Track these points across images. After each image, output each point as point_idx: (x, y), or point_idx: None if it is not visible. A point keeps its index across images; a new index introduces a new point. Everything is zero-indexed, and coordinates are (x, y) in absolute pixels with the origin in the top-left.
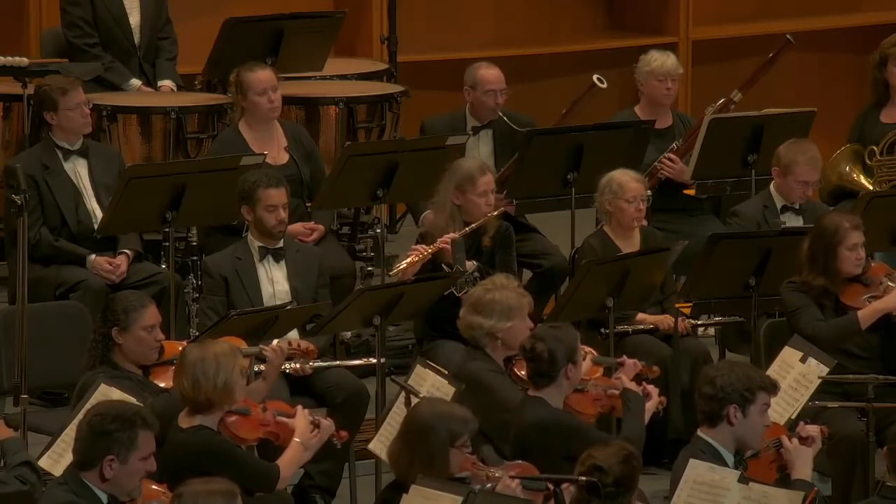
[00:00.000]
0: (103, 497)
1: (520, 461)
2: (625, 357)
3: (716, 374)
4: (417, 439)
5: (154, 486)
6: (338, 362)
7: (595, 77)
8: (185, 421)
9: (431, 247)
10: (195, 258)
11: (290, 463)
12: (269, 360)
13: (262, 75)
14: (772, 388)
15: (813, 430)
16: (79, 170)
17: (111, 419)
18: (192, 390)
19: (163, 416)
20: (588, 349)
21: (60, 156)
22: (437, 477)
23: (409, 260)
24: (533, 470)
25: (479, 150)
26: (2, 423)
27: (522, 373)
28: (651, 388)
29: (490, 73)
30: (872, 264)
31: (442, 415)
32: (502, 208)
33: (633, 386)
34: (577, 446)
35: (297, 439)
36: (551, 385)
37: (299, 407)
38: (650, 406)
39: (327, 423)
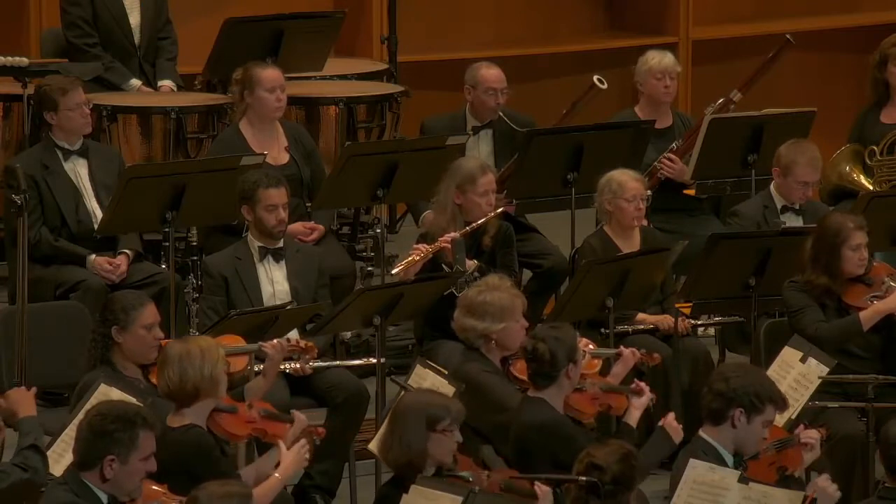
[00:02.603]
0: (104, 497)
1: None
2: (622, 347)
3: (731, 374)
4: (396, 424)
5: (154, 487)
6: (338, 362)
7: (595, 78)
8: (174, 420)
9: (432, 246)
10: (195, 258)
11: (263, 494)
12: (269, 356)
13: (272, 73)
14: (781, 404)
15: (812, 435)
16: (79, 170)
17: (112, 419)
18: (180, 380)
19: (164, 418)
20: (587, 342)
21: (60, 156)
22: (419, 462)
23: (409, 259)
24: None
25: (479, 150)
26: (30, 398)
27: (519, 372)
28: (643, 385)
29: (491, 73)
30: (874, 264)
31: (421, 401)
32: (502, 208)
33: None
34: (567, 455)
35: (278, 475)
36: (552, 385)
37: (299, 442)
38: (642, 402)
39: (302, 418)
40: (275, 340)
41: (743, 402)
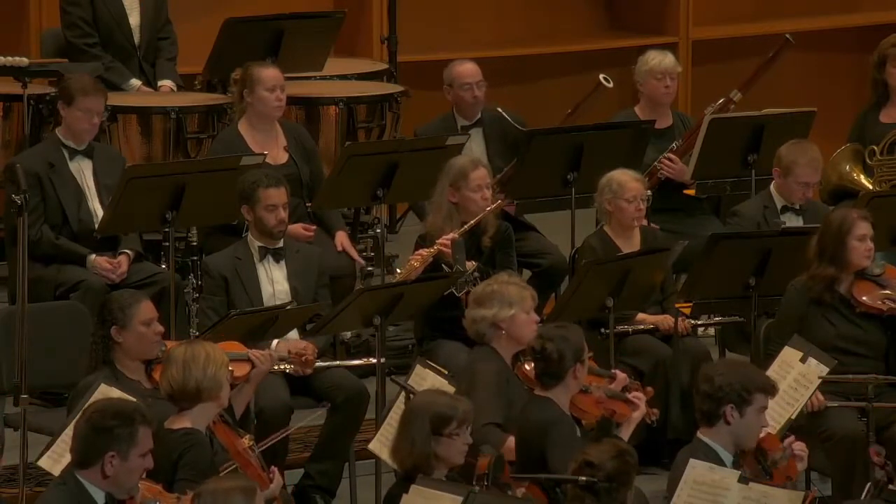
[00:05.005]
0: (100, 497)
1: None
2: (617, 371)
3: (714, 373)
4: (404, 426)
5: (151, 485)
6: (338, 362)
7: (601, 77)
8: (175, 422)
9: (431, 249)
10: (195, 258)
11: None
12: (258, 365)
13: (272, 72)
14: (770, 389)
15: (802, 448)
16: (83, 169)
17: (111, 415)
18: (183, 379)
19: (162, 420)
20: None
21: (66, 154)
22: (423, 464)
23: (409, 265)
24: None
25: (472, 149)
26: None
27: (529, 372)
28: (640, 396)
29: (464, 68)
30: (886, 267)
31: (426, 402)
32: (499, 201)
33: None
34: (558, 459)
35: None
36: (559, 385)
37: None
38: (635, 417)
39: (279, 481)
40: (265, 351)
41: (731, 397)
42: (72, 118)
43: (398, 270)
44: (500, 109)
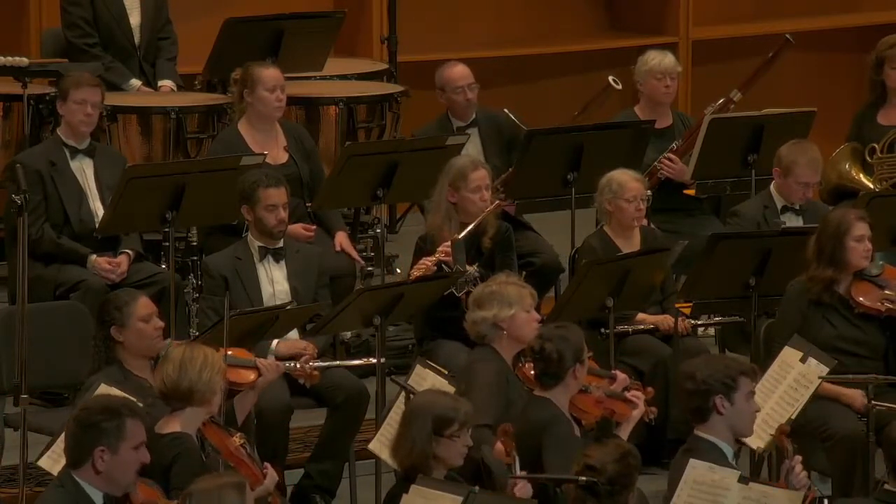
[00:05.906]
0: (98, 497)
1: None
2: (617, 372)
3: (694, 370)
4: (405, 425)
5: (147, 487)
6: (338, 362)
7: (611, 78)
8: (165, 425)
9: (433, 258)
10: (195, 258)
11: None
12: (263, 374)
13: (273, 72)
14: (751, 372)
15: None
16: (85, 169)
17: (97, 411)
18: (178, 378)
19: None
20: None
21: (67, 154)
22: (422, 464)
23: (413, 277)
24: None
25: (468, 150)
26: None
27: (529, 368)
28: (639, 395)
29: (454, 71)
30: (885, 267)
31: (428, 402)
32: (497, 202)
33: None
34: (555, 459)
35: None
36: (559, 385)
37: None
38: (635, 415)
39: (274, 477)
40: (273, 361)
41: (717, 388)
42: (67, 112)
43: (398, 270)
44: (507, 111)
